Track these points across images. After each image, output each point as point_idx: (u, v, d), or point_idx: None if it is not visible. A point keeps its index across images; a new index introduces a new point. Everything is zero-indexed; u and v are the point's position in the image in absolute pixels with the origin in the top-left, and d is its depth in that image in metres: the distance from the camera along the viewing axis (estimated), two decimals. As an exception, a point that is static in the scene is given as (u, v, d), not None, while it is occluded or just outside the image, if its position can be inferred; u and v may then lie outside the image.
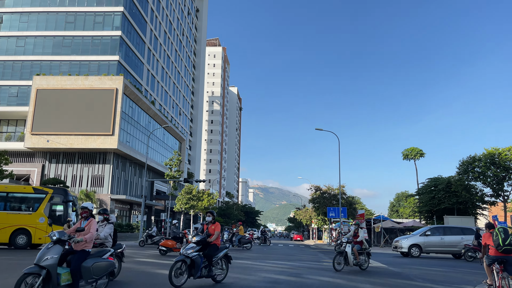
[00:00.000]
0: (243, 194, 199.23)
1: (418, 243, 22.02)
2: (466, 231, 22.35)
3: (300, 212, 72.10)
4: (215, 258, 9.16)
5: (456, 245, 21.73)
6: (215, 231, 9.31)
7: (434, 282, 11.21)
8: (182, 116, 79.51)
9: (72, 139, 44.64)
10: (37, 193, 21.21)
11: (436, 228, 22.95)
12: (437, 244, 22.03)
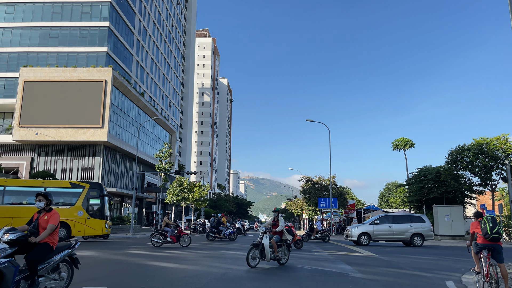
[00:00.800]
0: (234, 185, 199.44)
1: (368, 231, 22.61)
2: (414, 219, 23.08)
3: (291, 203, 72.49)
4: (45, 264, 6.02)
5: (404, 232, 22.38)
6: (49, 223, 6.10)
7: (423, 270, 11.38)
8: (172, 108, 79.04)
9: (61, 132, 44.16)
10: (74, 187, 22.55)
11: (386, 216, 23.69)
12: (386, 232, 22.64)
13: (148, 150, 58.78)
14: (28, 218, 20.59)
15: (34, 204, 20.33)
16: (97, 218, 22.06)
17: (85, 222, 21.54)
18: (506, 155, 32.57)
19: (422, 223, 22.58)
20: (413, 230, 22.27)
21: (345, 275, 9.89)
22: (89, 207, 22.12)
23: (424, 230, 22.42)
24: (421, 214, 24.61)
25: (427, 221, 22.97)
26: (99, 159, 46.34)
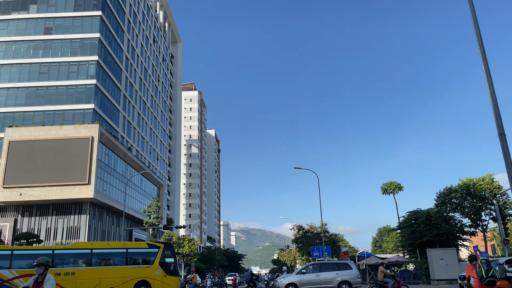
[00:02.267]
0: (225, 237, 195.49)
1: (295, 281, 22.18)
2: (341, 266, 22.79)
3: (284, 253, 71.03)
4: None
5: (331, 281, 21.95)
6: None
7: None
8: (159, 161, 78.85)
9: (46, 191, 43.40)
10: (151, 248, 24.57)
11: (313, 265, 23.31)
12: (313, 281, 22.22)
13: (136, 205, 57.84)
14: (114, 278, 22.22)
15: (119, 265, 23.12)
16: (173, 275, 23.54)
17: (163, 280, 23.04)
18: (493, 195, 32.86)
19: (349, 270, 22.23)
20: (340, 278, 21.82)
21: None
22: (165, 266, 23.72)
23: (351, 277, 21.98)
24: (349, 261, 24.20)
25: (355, 268, 22.68)
26: (85, 217, 45.29)
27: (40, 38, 51.03)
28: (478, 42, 10.99)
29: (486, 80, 10.67)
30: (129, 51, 62.42)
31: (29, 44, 50.86)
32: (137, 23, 68.10)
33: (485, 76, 10.72)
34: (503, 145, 10.19)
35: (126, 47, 61.20)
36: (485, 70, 10.74)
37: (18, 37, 51.06)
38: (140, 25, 69.50)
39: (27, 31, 51.41)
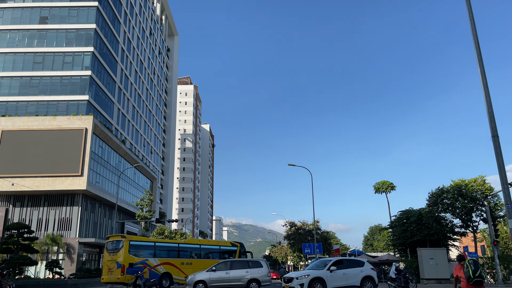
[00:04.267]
0: (217, 232, 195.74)
1: (204, 279, 22.05)
2: (252, 264, 22.72)
3: (276, 250, 71.26)
4: None
5: (241, 278, 21.96)
6: None
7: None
8: (153, 154, 78.62)
9: (38, 181, 43.16)
10: (233, 246, 31.24)
11: (224, 262, 23.18)
12: (223, 279, 22.17)
13: (128, 198, 57.68)
14: None
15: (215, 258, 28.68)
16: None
17: None
18: (485, 197, 33.11)
19: (259, 268, 22.22)
20: (249, 276, 21.83)
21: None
22: None
23: (260, 275, 21.98)
24: (261, 259, 23.89)
25: (265, 266, 22.58)
26: (78, 209, 45.14)
27: (35, 27, 50.53)
28: (474, 42, 11.03)
29: (481, 81, 10.72)
30: (125, 43, 62.01)
31: (24, 33, 50.35)
32: (134, 15, 67.63)
33: (480, 78, 10.77)
34: (496, 147, 10.26)
35: (122, 39, 60.78)
36: (480, 71, 10.79)
37: (13, 26, 50.53)
38: (136, 17, 69.03)
39: (23, 20, 50.88)
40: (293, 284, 17.34)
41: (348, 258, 20.67)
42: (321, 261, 19.58)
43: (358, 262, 19.49)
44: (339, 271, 18.06)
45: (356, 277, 18.40)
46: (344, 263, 18.81)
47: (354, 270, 18.63)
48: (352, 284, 18.26)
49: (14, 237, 33.97)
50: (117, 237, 25.78)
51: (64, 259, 42.97)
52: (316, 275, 17.41)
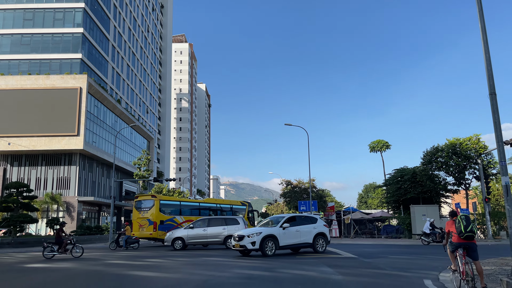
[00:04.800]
0: (215, 191, 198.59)
1: (182, 236, 22.54)
2: (229, 221, 23.10)
3: (272, 207, 72.66)
4: None
5: (218, 235, 22.46)
6: None
7: (402, 269, 11.60)
8: (149, 114, 78.26)
9: (34, 141, 43.13)
10: (242, 205, 34.05)
11: (202, 220, 23.49)
12: (200, 235, 22.66)
13: (126, 157, 57.96)
14: None
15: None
16: (252, 225, 29.17)
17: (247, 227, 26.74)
18: (478, 155, 33.54)
19: (236, 225, 22.60)
20: (226, 233, 22.31)
21: (326, 278, 9.98)
22: (249, 218, 32.15)
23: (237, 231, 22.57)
24: (238, 217, 24.37)
25: (242, 223, 23.03)
26: (75, 168, 45.43)
27: (23, -18, 48.64)
28: (476, -2, 10.77)
29: (481, 37, 10.57)
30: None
31: (12, -12, 48.53)
32: (126, -31, 65.06)
33: (481, 33, 10.61)
34: (492, 105, 10.27)
35: (114, -6, 58.80)
36: (480, 26, 10.61)
37: (0, -20, 48.61)
38: (128, -29, 66.42)
39: (9, -26, 48.88)
40: (244, 242, 16.33)
41: (301, 214, 19.44)
42: (274, 218, 18.68)
43: (311, 218, 18.61)
44: (292, 228, 17.16)
45: (309, 234, 17.68)
46: (297, 220, 17.89)
47: (307, 227, 17.77)
48: (304, 241, 17.57)
49: (14, 196, 34.37)
50: (147, 196, 28.26)
51: (64, 217, 43.75)
52: (269, 232, 16.54)
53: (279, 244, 16.61)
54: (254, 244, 16.04)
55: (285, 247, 17.02)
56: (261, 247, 16.09)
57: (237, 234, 16.88)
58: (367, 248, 22.83)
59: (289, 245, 17.18)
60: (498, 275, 9.79)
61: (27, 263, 15.52)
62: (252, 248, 16.11)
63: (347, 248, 22.14)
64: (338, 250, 20.77)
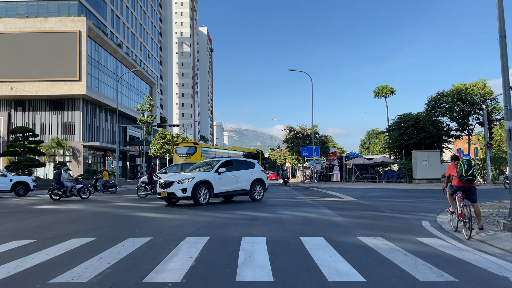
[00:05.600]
0: (218, 137, 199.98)
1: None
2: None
3: (275, 153, 73.40)
4: None
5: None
6: None
7: (401, 212, 11.93)
8: (151, 59, 77.01)
9: (37, 86, 42.92)
10: (257, 153, 39.61)
11: (176, 165, 22.78)
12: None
13: (128, 103, 57.85)
14: None
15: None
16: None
17: None
18: (484, 100, 33.23)
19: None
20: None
21: (327, 219, 10.30)
22: (262, 165, 37.96)
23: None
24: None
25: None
26: (79, 113, 45.55)
27: None
28: None
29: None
30: None
31: None
32: None
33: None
34: (502, 48, 10.02)
35: None
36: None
37: None
38: None
39: None
40: (173, 189, 14.12)
41: (238, 158, 17.54)
42: (207, 162, 16.88)
43: (249, 163, 16.96)
44: (228, 173, 15.34)
45: (246, 180, 16.05)
46: (233, 164, 16.02)
47: (245, 173, 16.11)
48: (242, 188, 15.84)
49: (20, 140, 34.79)
50: (189, 143, 31.50)
51: (70, 161, 44.53)
52: (202, 178, 14.42)
53: (213, 191, 14.70)
54: (185, 191, 13.99)
55: (220, 194, 15.14)
56: (193, 194, 14.07)
57: (164, 179, 14.70)
58: (367, 192, 23.34)
59: (225, 192, 15.31)
60: (496, 217, 10.07)
61: (37, 205, 16.04)
62: (182, 195, 14.04)
63: (348, 192, 22.65)
64: (339, 193, 21.27)
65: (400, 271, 4.97)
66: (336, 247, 6.46)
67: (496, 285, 4.45)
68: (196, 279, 4.61)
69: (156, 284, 4.44)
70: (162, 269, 5.06)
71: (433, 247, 6.59)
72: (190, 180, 14.14)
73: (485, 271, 5.03)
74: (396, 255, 5.84)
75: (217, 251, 6.15)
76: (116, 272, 4.96)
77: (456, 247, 6.64)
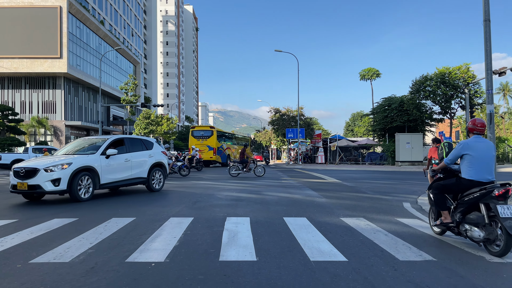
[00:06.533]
0: (203, 118, 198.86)
1: None
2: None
3: (260, 134, 73.39)
4: None
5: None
6: None
7: (383, 193, 12.13)
8: (135, 37, 75.45)
9: (16, 63, 41.78)
10: (248, 136, 42.33)
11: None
12: None
13: (112, 82, 56.85)
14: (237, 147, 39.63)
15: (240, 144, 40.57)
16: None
17: None
18: (466, 84, 33.66)
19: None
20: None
21: (311, 200, 10.41)
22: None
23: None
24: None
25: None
26: (60, 92, 44.61)
27: None
28: None
29: (482, -40, 10.11)
30: None
31: None
32: None
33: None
34: (486, 32, 10.11)
35: None
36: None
37: None
38: None
39: None
40: (37, 180, 9.53)
41: (131, 136, 12.80)
42: (87, 140, 12.10)
43: (145, 142, 13.08)
44: (119, 156, 11.37)
45: (143, 165, 12.36)
46: (126, 144, 12.02)
47: (141, 155, 12.37)
48: (137, 176, 12.08)
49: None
50: (206, 127, 34.19)
51: (52, 141, 43.80)
52: (83, 163, 10.28)
53: (100, 181, 10.67)
54: (58, 182, 9.60)
55: (108, 185, 11.03)
56: (70, 187, 9.77)
57: (24, 165, 9.84)
58: (351, 173, 23.63)
59: (115, 182, 11.26)
60: (473, 198, 10.31)
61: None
62: (53, 189, 9.56)
63: (332, 174, 22.89)
64: (323, 175, 21.48)
65: (380, 251, 5.07)
66: (319, 227, 6.55)
67: (473, 264, 4.58)
68: (180, 259, 4.63)
69: (139, 264, 4.44)
70: (145, 249, 5.06)
71: (413, 227, 6.73)
72: (65, 167, 9.76)
73: (463, 251, 5.17)
74: (377, 235, 5.95)
75: (201, 231, 6.17)
76: (98, 252, 4.94)
77: (435, 228, 6.80)
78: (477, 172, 5.27)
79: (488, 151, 5.34)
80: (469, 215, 5.25)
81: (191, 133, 33.15)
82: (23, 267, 4.35)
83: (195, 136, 32.84)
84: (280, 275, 4.08)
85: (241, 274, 4.09)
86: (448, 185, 5.60)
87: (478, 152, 5.31)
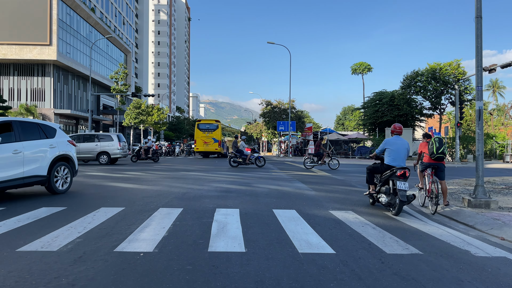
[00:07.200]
0: (194, 109, 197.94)
1: None
2: (102, 137, 23.53)
3: (251, 127, 73.34)
4: None
5: (91, 151, 23.06)
6: None
7: (373, 187, 12.22)
8: (126, 26, 74.54)
9: (4, 49, 41.07)
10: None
11: (77, 135, 23.66)
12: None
13: (102, 70, 56.22)
14: None
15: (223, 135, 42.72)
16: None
17: None
18: (456, 80, 33.94)
19: (110, 142, 23.14)
20: (99, 149, 22.94)
21: (300, 193, 10.46)
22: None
23: (110, 148, 23.04)
24: (112, 133, 24.67)
25: (116, 139, 23.36)
26: (50, 79, 44.02)
27: None
28: None
29: (475, -44, 10.12)
30: None
31: None
32: None
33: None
34: (477, 29, 10.15)
35: None
36: None
37: None
38: None
39: None
40: None
41: (23, 119, 9.03)
42: None
43: (45, 128, 9.57)
44: (3, 146, 7.99)
45: (41, 159, 8.98)
46: (15, 130, 8.45)
47: (38, 145, 8.94)
48: (33, 174, 8.68)
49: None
50: (211, 121, 35.75)
51: (41, 130, 43.28)
52: None
53: None
54: None
55: None
56: None
57: None
58: (340, 167, 23.76)
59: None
60: (461, 194, 10.46)
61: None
62: None
63: (321, 167, 23.01)
64: (312, 168, 21.55)
65: (368, 243, 5.12)
66: (308, 220, 6.59)
67: (458, 258, 4.66)
68: (169, 250, 4.63)
69: (128, 254, 4.43)
70: (134, 239, 5.05)
71: (401, 221, 6.81)
72: None
73: (449, 245, 5.25)
74: (365, 229, 6.01)
75: (190, 222, 6.17)
76: (87, 242, 4.91)
77: (422, 222, 6.89)
78: (393, 160, 7.70)
79: (402, 146, 7.76)
80: (382, 187, 7.79)
81: (197, 126, 34.76)
82: (9, 255, 4.32)
83: (201, 129, 34.40)
84: (268, 266, 4.11)
85: (229, 265, 4.11)
86: (376, 168, 8.06)
87: (395, 147, 7.74)
